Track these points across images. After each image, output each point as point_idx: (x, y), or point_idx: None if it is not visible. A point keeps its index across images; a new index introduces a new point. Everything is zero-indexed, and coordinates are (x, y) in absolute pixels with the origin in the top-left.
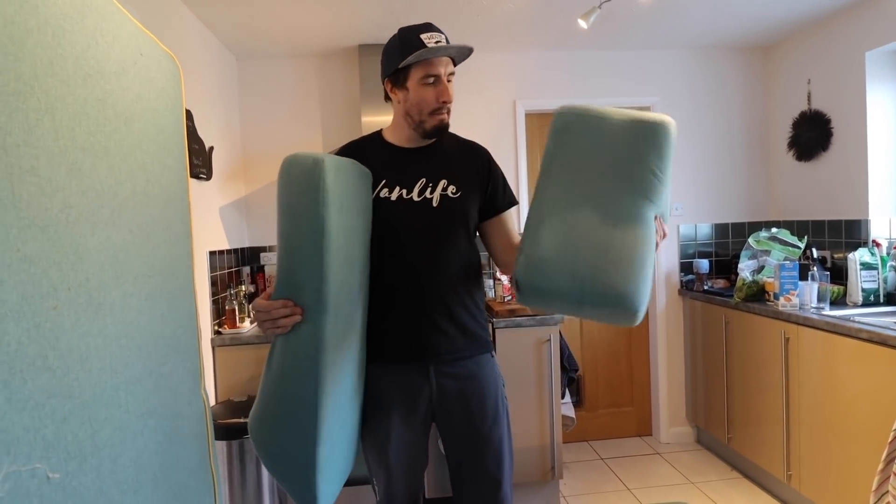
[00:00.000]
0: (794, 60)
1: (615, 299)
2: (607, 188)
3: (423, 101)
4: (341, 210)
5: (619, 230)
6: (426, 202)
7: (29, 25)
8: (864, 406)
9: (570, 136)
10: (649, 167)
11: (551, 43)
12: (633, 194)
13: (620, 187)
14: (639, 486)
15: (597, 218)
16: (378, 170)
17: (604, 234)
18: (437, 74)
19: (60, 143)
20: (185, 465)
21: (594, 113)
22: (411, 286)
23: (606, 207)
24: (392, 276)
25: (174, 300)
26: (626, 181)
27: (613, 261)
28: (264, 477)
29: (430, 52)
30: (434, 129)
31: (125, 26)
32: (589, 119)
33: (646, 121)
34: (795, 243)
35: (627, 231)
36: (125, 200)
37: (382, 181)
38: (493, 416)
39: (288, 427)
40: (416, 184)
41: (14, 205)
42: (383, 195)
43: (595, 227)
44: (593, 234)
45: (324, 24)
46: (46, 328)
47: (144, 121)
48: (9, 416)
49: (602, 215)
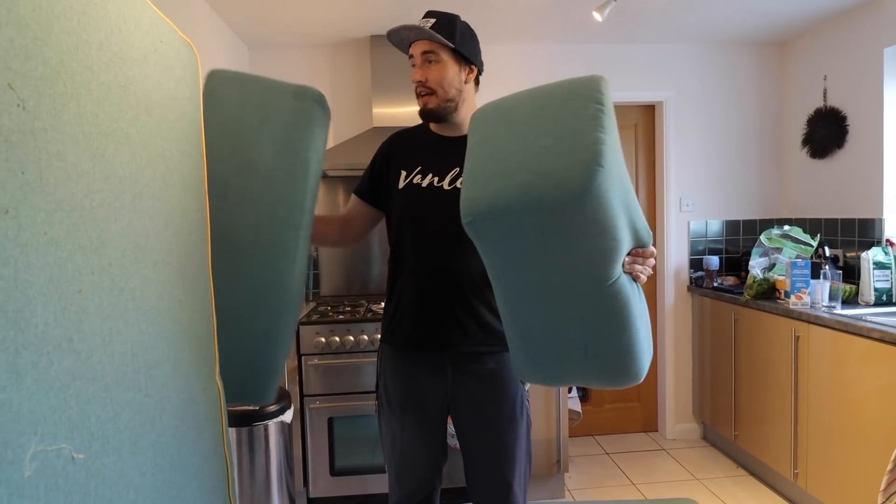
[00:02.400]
0: (811, 56)
1: (615, 382)
2: (558, 282)
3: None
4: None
5: (591, 319)
6: (456, 192)
7: (56, 11)
8: (873, 405)
9: (493, 243)
10: (595, 241)
11: (565, 35)
12: (587, 278)
13: (572, 277)
14: (644, 481)
15: (560, 317)
16: (416, 156)
17: (574, 331)
18: (411, 55)
19: (85, 129)
20: (201, 450)
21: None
22: (433, 274)
23: (567, 302)
24: (415, 261)
25: (191, 287)
26: (574, 269)
27: (597, 356)
28: (273, 464)
29: (391, 38)
30: (420, 114)
31: (146, 13)
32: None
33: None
34: (808, 241)
35: (599, 318)
36: (145, 187)
37: (418, 167)
38: (508, 418)
39: None
40: (450, 172)
41: (42, 188)
42: (416, 181)
43: (566, 327)
44: (565, 335)
45: (336, 15)
46: (72, 311)
47: (164, 108)
48: (36, 396)
49: (564, 311)
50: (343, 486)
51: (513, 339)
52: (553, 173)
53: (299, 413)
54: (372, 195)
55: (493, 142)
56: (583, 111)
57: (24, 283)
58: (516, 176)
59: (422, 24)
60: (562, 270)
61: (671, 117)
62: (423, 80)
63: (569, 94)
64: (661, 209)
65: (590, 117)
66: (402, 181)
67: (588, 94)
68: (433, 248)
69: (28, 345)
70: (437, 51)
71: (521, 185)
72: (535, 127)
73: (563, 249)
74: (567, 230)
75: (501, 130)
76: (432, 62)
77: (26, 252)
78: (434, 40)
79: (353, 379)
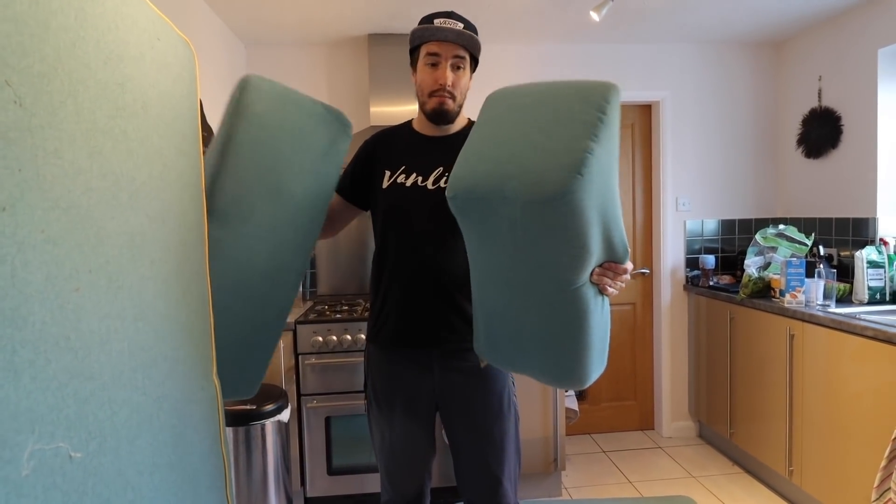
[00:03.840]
0: (806, 57)
1: (563, 383)
2: (524, 274)
3: (423, 82)
4: (264, 130)
5: (551, 318)
6: (440, 191)
7: (53, 7)
8: (867, 403)
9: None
10: (567, 244)
11: (562, 36)
12: (554, 279)
13: (539, 273)
14: (640, 479)
15: (522, 307)
16: (399, 155)
17: (533, 326)
18: (438, 54)
19: (82, 126)
20: (198, 449)
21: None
22: (417, 274)
23: (529, 294)
24: (399, 261)
25: (188, 285)
26: (542, 266)
27: (550, 351)
28: (270, 463)
29: (428, 32)
30: (433, 112)
31: (143, 11)
32: (477, 204)
33: (540, 197)
34: (802, 240)
35: (558, 319)
36: (142, 185)
37: (402, 167)
38: (496, 412)
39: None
40: (433, 172)
41: (39, 186)
42: (400, 180)
43: (524, 318)
44: (523, 325)
45: (334, 14)
46: (69, 309)
47: (161, 106)
48: (34, 395)
49: (525, 303)
50: (340, 486)
51: (477, 318)
52: (534, 171)
53: (296, 412)
54: (354, 194)
55: (495, 124)
56: (582, 115)
57: (21, 281)
58: (502, 165)
59: (452, 25)
60: (528, 264)
61: (667, 117)
62: (452, 84)
63: (575, 94)
64: (658, 208)
65: (587, 123)
66: (387, 181)
67: (593, 99)
68: (417, 247)
69: (25, 343)
70: (466, 57)
71: (503, 175)
72: (536, 120)
73: (531, 244)
74: (536, 228)
75: (506, 115)
76: (460, 68)
77: (23, 250)
78: (473, 51)
79: (350, 378)
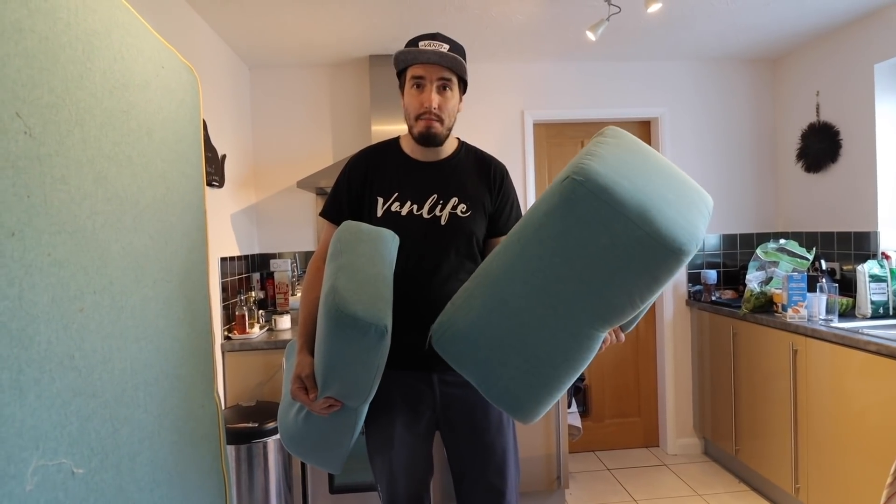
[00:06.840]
0: (803, 72)
1: (509, 406)
2: (569, 292)
3: (409, 105)
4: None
5: (554, 344)
6: (435, 220)
7: (62, 41)
8: (872, 419)
9: (572, 217)
10: (632, 294)
11: (560, 53)
12: (593, 315)
13: (585, 300)
14: (645, 497)
15: (537, 318)
16: (391, 181)
17: (533, 340)
18: (422, 77)
19: (88, 153)
20: (199, 466)
21: (610, 203)
22: (415, 299)
23: (557, 311)
24: (397, 287)
25: (190, 305)
26: (595, 296)
27: (527, 373)
28: (272, 481)
29: (411, 55)
30: (420, 136)
31: (148, 41)
32: (600, 207)
33: (661, 239)
34: (804, 255)
35: (560, 348)
36: (146, 208)
37: (395, 194)
38: (496, 425)
39: (323, 450)
40: (428, 200)
41: (46, 211)
42: (394, 209)
43: (530, 329)
44: (523, 335)
45: (335, 37)
46: (73, 329)
47: (165, 131)
48: (38, 412)
49: (545, 317)
50: None
51: (474, 297)
52: (669, 218)
53: None
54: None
55: (641, 157)
56: (702, 208)
57: (28, 303)
58: (641, 193)
59: (437, 47)
60: (585, 284)
61: (667, 133)
62: (438, 107)
63: (696, 190)
64: None
65: (704, 217)
66: (381, 208)
67: (708, 202)
68: (412, 275)
69: (31, 362)
70: (453, 79)
71: (641, 202)
72: (671, 186)
73: (605, 270)
74: (630, 261)
75: (650, 159)
76: (447, 90)
77: (31, 273)
78: (459, 72)
79: None
